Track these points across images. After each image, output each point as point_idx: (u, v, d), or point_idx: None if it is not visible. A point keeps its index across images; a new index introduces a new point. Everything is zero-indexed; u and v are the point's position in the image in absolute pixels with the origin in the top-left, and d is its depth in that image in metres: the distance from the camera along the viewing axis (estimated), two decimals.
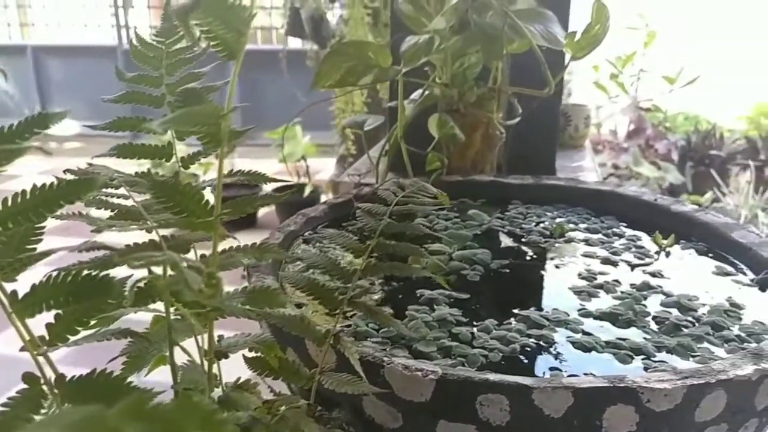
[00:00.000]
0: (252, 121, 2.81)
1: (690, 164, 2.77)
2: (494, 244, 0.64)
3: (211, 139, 0.28)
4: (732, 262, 0.58)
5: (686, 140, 2.87)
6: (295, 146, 2.76)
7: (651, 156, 2.69)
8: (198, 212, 0.28)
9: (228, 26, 0.25)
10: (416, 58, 0.77)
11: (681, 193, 2.70)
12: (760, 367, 0.37)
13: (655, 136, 2.74)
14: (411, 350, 0.44)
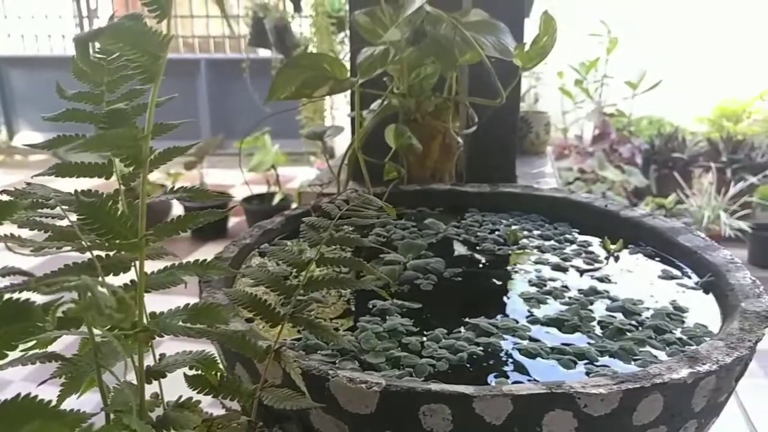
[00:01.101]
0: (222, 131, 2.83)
1: (654, 167, 2.84)
2: (449, 252, 0.65)
3: (133, 161, 0.28)
4: (678, 266, 0.60)
5: (649, 144, 2.94)
6: (265, 155, 2.75)
7: (616, 160, 2.74)
8: (124, 234, 0.28)
9: (142, 51, 0.25)
10: (372, 69, 0.77)
11: (646, 196, 2.76)
12: (694, 370, 0.38)
13: (619, 140, 2.80)
14: (361, 362, 0.44)
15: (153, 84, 0.26)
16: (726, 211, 2.63)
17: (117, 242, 0.28)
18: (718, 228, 2.58)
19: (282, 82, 0.72)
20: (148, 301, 0.34)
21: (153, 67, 0.25)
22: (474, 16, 0.79)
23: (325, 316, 0.52)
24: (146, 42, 0.24)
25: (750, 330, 0.44)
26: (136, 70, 0.26)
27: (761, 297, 0.48)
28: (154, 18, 0.24)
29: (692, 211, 2.65)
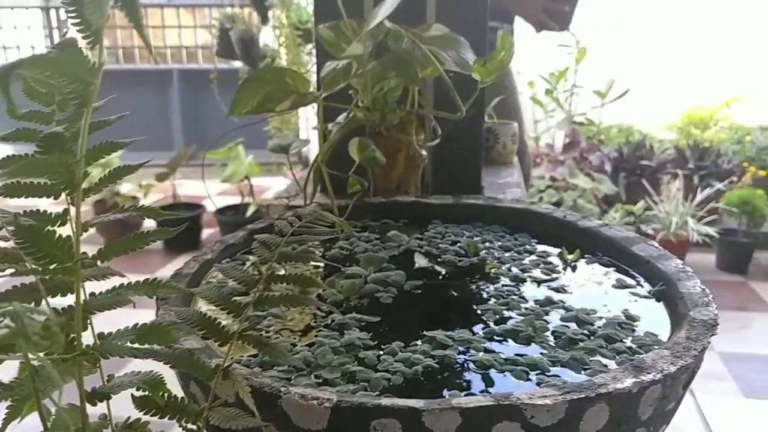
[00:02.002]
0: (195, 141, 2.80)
1: (623, 175, 2.89)
2: (410, 264, 0.65)
3: (67, 185, 0.28)
4: (632, 275, 0.61)
5: (618, 152, 2.99)
6: (238, 166, 2.74)
7: (586, 168, 2.79)
8: (61, 257, 0.28)
9: (72, 78, 0.25)
10: (335, 83, 0.78)
11: (615, 203, 2.81)
12: (639, 380, 0.39)
13: (589, 148, 2.85)
14: (317, 377, 0.45)
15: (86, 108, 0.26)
16: (693, 217, 2.69)
17: (53, 266, 0.28)
18: (685, 234, 2.64)
19: (244, 96, 0.72)
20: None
21: (85, 93, 0.26)
22: (435, 31, 0.80)
23: (286, 332, 0.52)
24: (76, 69, 0.24)
25: (696, 339, 0.45)
26: (69, 96, 0.26)
27: (709, 306, 0.50)
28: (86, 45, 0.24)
29: (660, 217, 2.71)
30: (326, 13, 0.92)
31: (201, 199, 3.46)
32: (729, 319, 2.39)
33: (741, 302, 2.52)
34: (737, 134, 3.47)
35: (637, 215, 2.70)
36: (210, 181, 3.65)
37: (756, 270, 2.78)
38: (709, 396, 1.99)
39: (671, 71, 3.66)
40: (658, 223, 2.69)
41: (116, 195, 2.99)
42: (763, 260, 2.83)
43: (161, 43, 4.70)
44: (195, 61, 4.50)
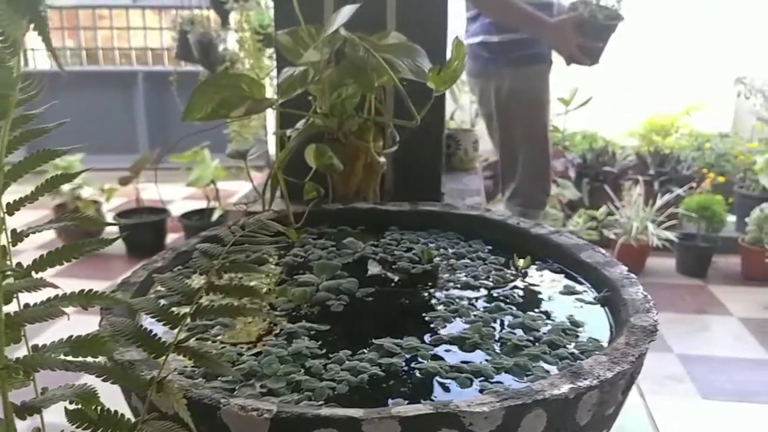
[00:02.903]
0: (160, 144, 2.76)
1: (586, 180, 2.94)
2: (364, 272, 0.65)
3: None
4: (579, 281, 0.62)
5: (582, 158, 3.05)
6: (204, 170, 2.71)
7: None
8: None
9: None
10: (292, 89, 0.78)
11: (579, 208, 2.86)
12: (575, 386, 0.40)
13: (554, 154, 2.89)
14: (262, 387, 0.44)
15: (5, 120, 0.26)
16: (654, 222, 2.76)
17: None
18: (646, 238, 2.70)
19: (198, 102, 0.71)
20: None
21: (4, 105, 0.25)
22: (392, 39, 0.81)
23: (234, 341, 0.52)
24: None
25: (635, 345, 0.46)
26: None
27: (650, 312, 0.51)
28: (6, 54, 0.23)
29: (622, 222, 2.77)
30: (286, 18, 0.92)
31: (166, 204, 3.41)
32: (688, 322, 2.46)
33: (700, 305, 2.59)
34: (697, 141, 3.56)
35: (600, 220, 2.76)
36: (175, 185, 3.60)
37: (715, 274, 2.86)
38: (668, 397, 2.04)
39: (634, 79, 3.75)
40: (620, 228, 2.75)
41: (77, 199, 2.92)
42: (722, 264, 2.91)
43: (126, 44, 4.62)
44: (161, 63, 4.43)
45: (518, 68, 2.00)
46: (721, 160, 3.33)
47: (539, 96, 2.03)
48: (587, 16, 1.81)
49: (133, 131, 4.28)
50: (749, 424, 1.91)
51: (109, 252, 3.05)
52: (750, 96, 3.50)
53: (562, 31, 1.85)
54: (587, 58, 1.88)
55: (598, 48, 1.87)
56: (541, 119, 2.05)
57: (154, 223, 2.84)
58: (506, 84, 2.01)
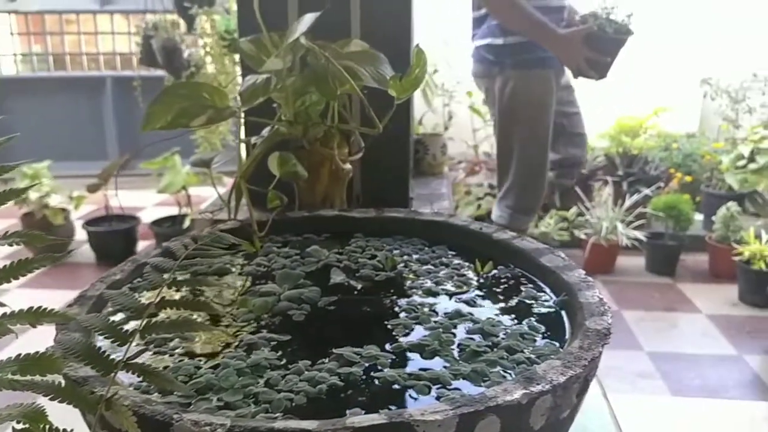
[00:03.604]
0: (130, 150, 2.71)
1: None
2: (327, 280, 0.65)
3: None
4: (539, 286, 0.63)
5: None
6: (175, 176, 2.68)
7: None
8: None
9: None
10: (254, 97, 0.78)
11: (550, 209, 2.89)
12: (528, 391, 0.41)
13: None
14: (219, 400, 0.44)
15: None
16: (623, 221, 2.80)
17: None
18: (615, 238, 2.75)
19: (157, 112, 0.71)
20: None
21: None
22: (354, 47, 0.81)
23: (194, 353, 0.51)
24: None
25: (588, 348, 0.47)
26: None
27: (604, 315, 0.52)
28: None
29: (592, 222, 2.81)
30: (250, 25, 0.92)
31: (136, 210, 3.37)
32: (658, 320, 2.50)
33: (669, 303, 2.64)
34: (665, 142, 3.64)
35: (571, 221, 2.79)
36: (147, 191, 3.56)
37: (683, 272, 2.91)
38: (638, 395, 2.07)
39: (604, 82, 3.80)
40: (590, 228, 2.79)
41: (45, 208, 2.87)
42: (690, 262, 2.97)
43: (94, 49, 4.55)
44: (130, 68, 4.37)
45: (522, 71, 2.01)
46: (688, 160, 3.40)
47: (541, 101, 2.04)
48: (596, 30, 1.82)
49: (102, 137, 4.21)
50: (718, 420, 1.96)
51: (78, 260, 3.00)
52: (715, 97, 3.58)
53: (571, 44, 1.87)
54: (595, 72, 1.90)
55: (606, 62, 1.88)
56: (541, 125, 2.07)
57: (125, 231, 2.80)
58: (509, 86, 2.03)
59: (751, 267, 2.57)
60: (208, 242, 0.40)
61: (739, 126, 3.54)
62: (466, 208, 2.85)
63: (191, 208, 2.81)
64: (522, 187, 2.11)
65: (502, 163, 2.14)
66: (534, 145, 2.08)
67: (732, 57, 3.59)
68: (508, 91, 2.04)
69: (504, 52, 2.02)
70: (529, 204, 2.14)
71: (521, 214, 2.13)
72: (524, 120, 2.06)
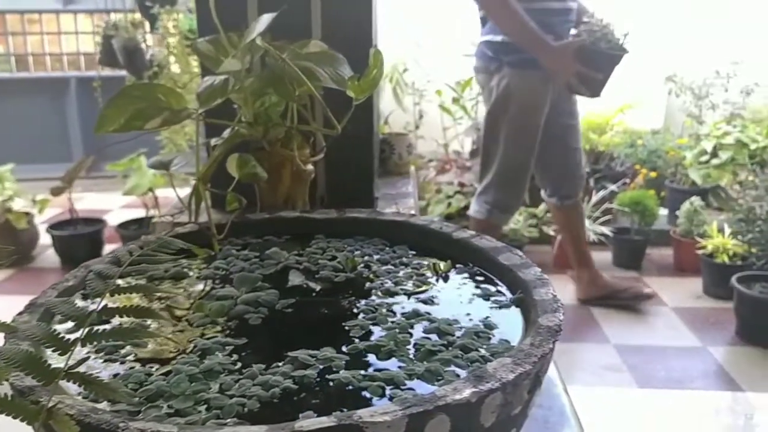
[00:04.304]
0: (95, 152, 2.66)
1: None
2: (286, 283, 0.65)
3: None
4: (496, 284, 0.64)
5: None
6: (141, 178, 2.63)
7: None
8: None
9: None
10: (212, 99, 0.77)
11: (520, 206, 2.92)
12: (478, 389, 0.41)
13: None
14: (170, 407, 0.44)
15: None
16: (590, 217, 2.85)
17: None
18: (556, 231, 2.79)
19: (110, 114, 0.69)
20: None
21: None
22: (313, 48, 0.81)
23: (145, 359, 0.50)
24: None
25: (539, 345, 0.48)
26: None
27: (557, 312, 0.53)
28: None
29: None
30: (209, 25, 0.91)
31: (103, 213, 3.31)
32: (624, 313, 2.55)
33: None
34: (630, 138, 3.70)
35: (540, 217, 2.83)
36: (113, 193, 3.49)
37: (649, 265, 2.98)
38: (606, 388, 2.11)
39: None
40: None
41: (8, 212, 2.80)
42: (655, 256, 3.04)
43: (58, 49, 4.45)
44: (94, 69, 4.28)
45: (517, 70, 2.01)
46: (653, 156, 3.47)
47: (533, 101, 2.04)
48: (589, 44, 1.79)
49: (67, 139, 4.12)
50: (683, 410, 2.00)
51: (43, 265, 2.93)
52: (680, 94, 3.66)
53: (561, 56, 1.85)
54: (587, 88, 1.88)
55: (598, 79, 1.85)
56: (529, 125, 2.07)
57: (90, 235, 2.75)
58: (503, 83, 2.04)
59: (714, 260, 2.63)
60: (155, 247, 0.40)
61: (703, 122, 3.63)
62: (437, 207, 2.87)
63: (159, 210, 2.77)
64: (502, 184, 2.13)
65: (486, 158, 2.15)
66: (519, 144, 2.09)
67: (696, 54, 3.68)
68: (502, 87, 2.05)
69: (501, 49, 2.03)
70: (508, 202, 2.16)
71: (499, 210, 2.15)
72: (513, 118, 2.06)
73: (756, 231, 2.31)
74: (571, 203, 2.35)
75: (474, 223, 2.23)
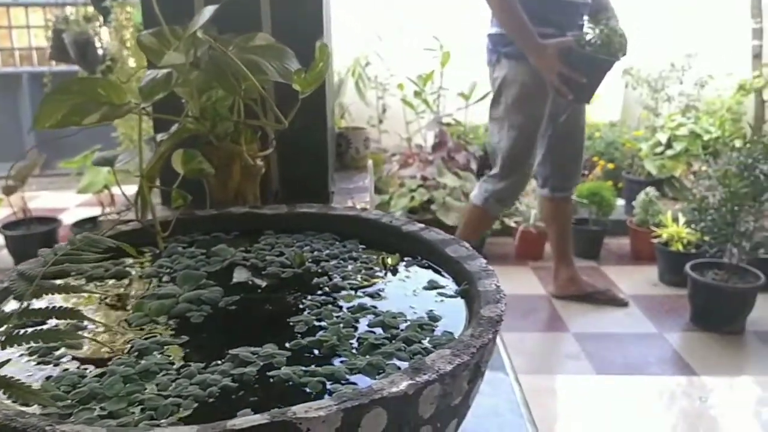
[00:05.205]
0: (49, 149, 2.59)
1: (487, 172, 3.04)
2: (230, 280, 0.64)
3: None
4: (443, 276, 0.64)
5: (483, 150, 3.15)
6: (95, 175, 2.56)
7: (453, 167, 2.91)
8: None
9: None
10: (154, 93, 0.75)
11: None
12: (414, 382, 0.41)
13: (456, 148, 2.97)
14: (103, 409, 0.43)
15: None
16: None
17: None
18: (543, 225, 2.83)
19: (47, 110, 0.67)
20: None
21: None
22: (260, 41, 0.80)
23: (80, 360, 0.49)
24: None
25: (479, 336, 0.48)
26: None
27: (499, 303, 0.53)
28: None
29: (522, 210, 2.89)
30: (154, 18, 0.88)
31: (58, 212, 3.21)
32: (583, 302, 2.61)
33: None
34: (588, 131, 3.77)
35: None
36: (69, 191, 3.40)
37: (606, 254, 3.04)
38: (566, 375, 2.15)
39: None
40: (520, 216, 2.86)
41: None
42: (613, 246, 3.11)
43: (9, 44, 4.30)
44: (48, 64, 4.15)
45: (511, 61, 2.02)
46: (610, 148, 3.54)
47: (527, 92, 2.04)
48: (575, 46, 1.75)
49: (20, 137, 3.99)
50: (640, 395, 2.06)
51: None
52: (636, 86, 3.75)
53: (543, 54, 1.84)
54: (571, 91, 1.86)
55: (584, 85, 1.81)
56: (526, 116, 2.07)
57: (44, 234, 2.66)
58: (501, 75, 2.05)
59: (669, 249, 2.71)
60: (81, 247, 0.38)
61: (659, 114, 3.72)
62: (400, 200, 2.88)
63: (115, 208, 2.71)
64: (504, 175, 2.16)
65: (491, 149, 2.21)
66: (518, 134, 2.10)
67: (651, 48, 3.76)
68: (500, 78, 2.07)
69: (500, 40, 2.04)
70: (505, 193, 2.19)
71: (494, 200, 2.19)
72: (510, 108, 2.08)
73: (708, 220, 2.38)
74: (562, 197, 2.39)
75: (470, 208, 2.28)
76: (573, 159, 2.33)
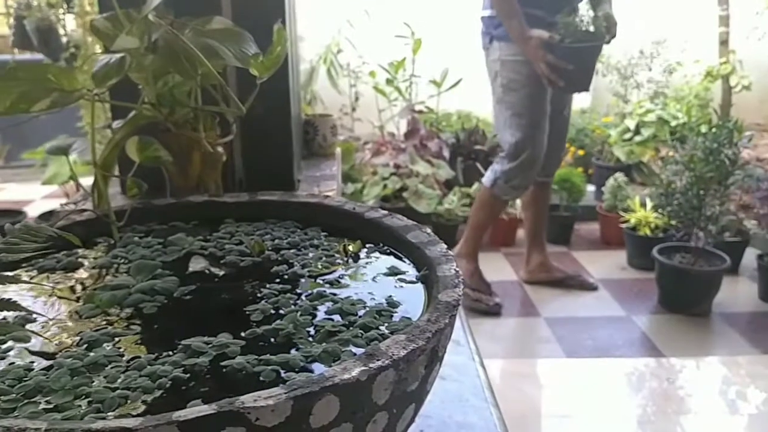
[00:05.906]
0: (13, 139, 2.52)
1: (460, 159, 3.05)
2: (187, 269, 0.63)
3: None
4: (404, 262, 0.64)
5: (455, 138, 3.15)
6: (61, 167, 2.50)
7: (426, 154, 2.91)
8: None
9: None
10: (107, 78, 0.72)
11: (454, 186, 2.96)
12: (367, 368, 0.41)
13: (428, 135, 2.97)
14: (48, 403, 0.41)
15: None
16: None
17: None
18: (515, 212, 2.85)
19: None
20: None
21: None
22: (217, 24, 0.78)
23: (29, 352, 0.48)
24: None
25: (435, 321, 0.48)
26: None
27: (457, 287, 0.53)
28: None
29: None
30: (109, 1, 0.86)
31: (24, 204, 3.14)
32: (554, 287, 2.64)
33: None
34: None
35: (473, 197, 2.87)
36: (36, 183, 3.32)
37: (577, 240, 3.08)
38: (537, 359, 2.18)
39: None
40: None
41: None
42: (583, 231, 3.15)
43: None
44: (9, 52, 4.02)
45: (503, 43, 2.02)
46: (580, 135, 3.58)
47: (519, 73, 2.04)
48: (556, 38, 1.76)
49: None
50: (609, 376, 2.10)
51: None
52: (606, 74, 3.78)
53: (528, 43, 1.85)
54: (560, 78, 1.86)
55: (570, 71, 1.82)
56: (524, 96, 2.07)
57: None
58: (495, 56, 2.04)
59: (637, 233, 2.75)
60: (17, 235, 0.37)
61: (628, 101, 3.76)
62: (373, 189, 2.87)
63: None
64: (510, 158, 2.17)
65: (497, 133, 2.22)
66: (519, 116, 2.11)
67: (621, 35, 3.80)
68: (494, 60, 2.07)
69: (491, 23, 2.04)
70: (513, 175, 2.20)
71: (503, 182, 2.21)
72: (504, 93, 2.08)
73: (675, 204, 2.42)
74: (542, 182, 2.41)
75: (481, 190, 2.29)
76: (556, 146, 2.35)
